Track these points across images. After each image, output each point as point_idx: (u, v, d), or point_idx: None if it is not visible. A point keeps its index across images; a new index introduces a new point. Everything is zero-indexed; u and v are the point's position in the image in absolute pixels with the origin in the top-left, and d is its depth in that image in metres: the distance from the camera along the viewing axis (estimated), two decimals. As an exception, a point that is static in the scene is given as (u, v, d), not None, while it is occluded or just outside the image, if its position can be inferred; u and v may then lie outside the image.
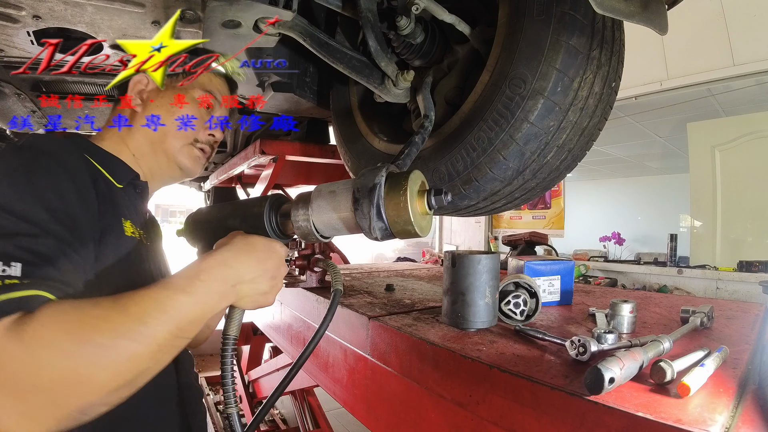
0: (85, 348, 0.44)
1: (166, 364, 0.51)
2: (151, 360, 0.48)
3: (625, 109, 3.80)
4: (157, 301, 0.49)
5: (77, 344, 0.44)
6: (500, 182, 0.94)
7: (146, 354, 0.47)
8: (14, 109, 1.48)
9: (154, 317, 0.48)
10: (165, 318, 0.48)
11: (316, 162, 2.12)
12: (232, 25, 0.89)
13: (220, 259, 0.57)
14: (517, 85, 0.85)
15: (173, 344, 0.50)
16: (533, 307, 0.86)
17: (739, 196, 3.31)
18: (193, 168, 0.88)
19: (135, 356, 0.46)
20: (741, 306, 1.06)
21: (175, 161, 0.84)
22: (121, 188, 0.75)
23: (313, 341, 0.72)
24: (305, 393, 2.95)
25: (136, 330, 0.46)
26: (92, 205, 0.61)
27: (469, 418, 0.65)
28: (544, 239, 2.06)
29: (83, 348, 0.44)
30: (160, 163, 0.84)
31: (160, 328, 0.48)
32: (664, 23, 0.78)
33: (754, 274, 2.92)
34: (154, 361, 0.49)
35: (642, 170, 6.35)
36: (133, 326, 0.46)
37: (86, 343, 0.44)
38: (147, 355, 0.47)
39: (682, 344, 0.68)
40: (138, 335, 0.46)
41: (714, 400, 0.50)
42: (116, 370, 0.45)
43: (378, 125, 1.29)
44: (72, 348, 0.43)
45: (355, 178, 0.62)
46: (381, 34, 1.03)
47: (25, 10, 0.84)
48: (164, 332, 0.48)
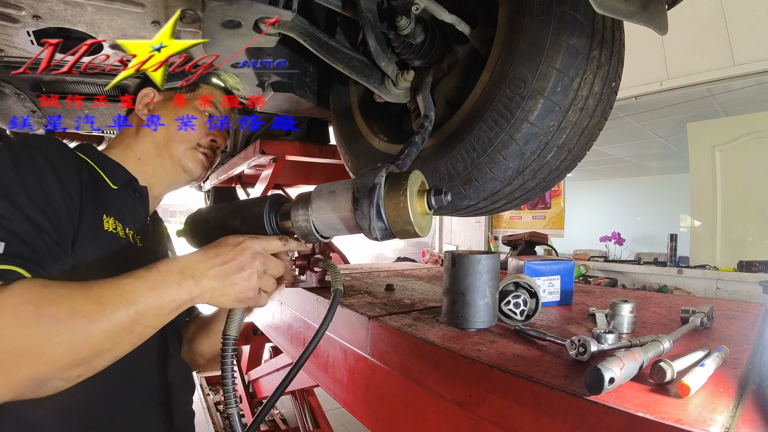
0: (42, 320, 0.47)
1: (127, 350, 0.54)
2: (106, 341, 0.50)
3: (625, 109, 3.80)
4: (117, 287, 0.52)
5: (36, 316, 0.47)
6: (500, 182, 0.94)
7: (101, 334, 0.49)
8: (14, 109, 1.48)
9: (112, 300, 0.51)
10: (122, 302, 0.51)
11: (316, 162, 2.12)
12: (232, 25, 0.89)
13: (186, 255, 0.61)
14: (517, 85, 0.85)
15: (132, 330, 0.52)
16: (533, 307, 0.86)
17: (739, 196, 3.31)
18: (196, 170, 0.92)
19: (90, 334, 0.49)
20: (741, 306, 1.06)
21: (179, 163, 0.90)
22: (116, 189, 0.79)
23: (313, 341, 0.72)
24: (305, 393, 2.95)
25: (93, 310, 0.49)
26: (74, 195, 0.65)
27: (469, 418, 0.65)
28: (544, 239, 2.06)
29: (41, 320, 0.47)
30: (165, 165, 0.89)
31: (117, 311, 0.50)
32: (664, 23, 0.78)
33: (754, 274, 2.92)
34: (111, 343, 0.51)
35: (642, 170, 6.36)
36: (92, 306, 0.49)
37: (45, 317, 0.47)
38: (101, 335, 0.50)
39: (682, 344, 0.68)
40: (94, 315, 0.49)
41: (714, 400, 0.50)
42: (70, 345, 0.48)
43: (378, 125, 1.29)
44: (30, 319, 0.46)
45: (355, 178, 0.63)
46: (381, 34, 1.03)
47: (25, 10, 0.84)
48: (122, 315, 0.51)
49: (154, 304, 0.54)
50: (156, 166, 0.89)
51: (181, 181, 0.94)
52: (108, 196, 0.75)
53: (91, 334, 0.49)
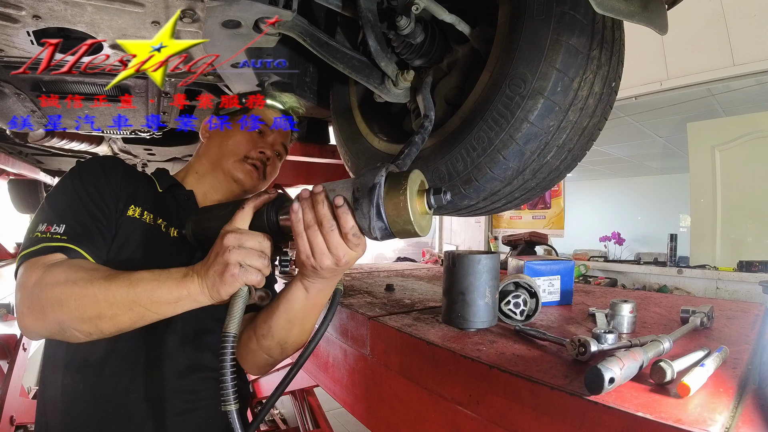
0: (69, 285, 0.65)
1: (127, 324, 0.65)
2: (107, 308, 0.64)
3: (625, 109, 3.80)
4: (131, 274, 0.66)
5: (67, 283, 0.65)
6: (500, 182, 0.94)
7: (103, 301, 0.64)
8: (14, 109, 1.48)
9: (119, 281, 0.65)
10: (126, 283, 0.64)
11: (316, 162, 2.12)
12: (232, 25, 0.89)
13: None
14: (517, 85, 0.85)
15: (131, 308, 0.64)
16: (533, 307, 0.86)
17: (739, 196, 3.31)
18: (246, 180, 1.03)
19: (95, 299, 0.64)
20: (741, 306, 1.06)
21: (230, 175, 1.02)
22: (161, 192, 0.96)
23: (313, 341, 0.72)
24: (305, 393, 2.95)
25: (104, 284, 0.65)
26: (116, 190, 0.85)
27: (469, 418, 0.65)
28: (544, 239, 2.06)
29: (69, 285, 0.65)
30: (219, 179, 1.03)
31: (120, 289, 0.64)
32: (664, 23, 0.78)
33: (754, 274, 2.92)
34: (111, 312, 0.64)
35: (642, 170, 6.36)
36: (104, 282, 0.65)
37: (72, 284, 0.65)
38: (104, 302, 0.64)
39: (682, 344, 0.68)
40: (101, 286, 0.64)
41: (714, 400, 0.50)
42: (81, 304, 0.64)
43: (378, 125, 1.29)
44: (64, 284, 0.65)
45: (354, 177, 0.62)
46: (381, 34, 1.03)
47: (25, 10, 0.84)
48: (122, 292, 0.64)
49: (152, 292, 0.64)
50: (212, 180, 1.03)
51: (235, 192, 1.05)
52: (150, 195, 0.92)
53: (96, 299, 0.64)
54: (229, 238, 0.63)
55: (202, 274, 0.64)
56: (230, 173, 1.02)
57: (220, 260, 0.62)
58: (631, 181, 6.71)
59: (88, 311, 0.64)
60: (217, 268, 0.62)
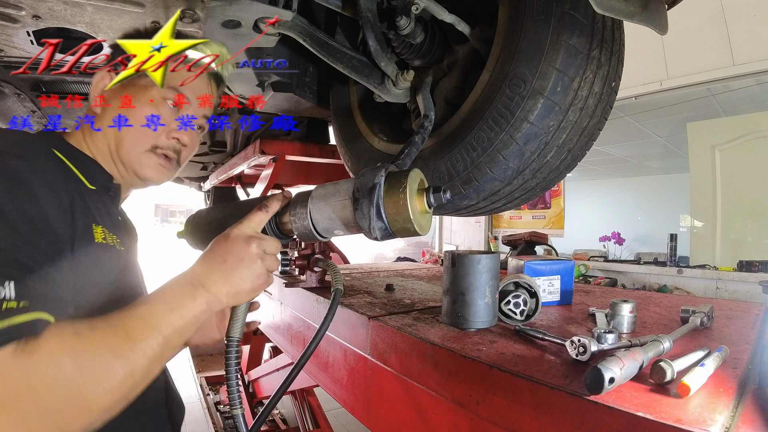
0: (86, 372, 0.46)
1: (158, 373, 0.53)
2: (144, 374, 0.51)
3: (625, 109, 3.80)
4: (140, 317, 0.52)
5: (79, 369, 0.46)
6: (500, 182, 0.94)
7: (139, 369, 0.50)
8: (14, 109, 1.48)
9: (140, 332, 0.50)
10: (149, 331, 0.51)
11: (316, 162, 2.12)
12: (232, 25, 0.90)
13: (191, 267, 0.60)
14: (517, 84, 0.85)
15: (163, 355, 0.52)
16: (533, 307, 0.86)
17: (739, 196, 3.31)
18: (156, 177, 0.78)
19: (130, 373, 0.49)
20: (741, 306, 1.06)
21: (134, 171, 0.76)
22: (93, 190, 0.68)
23: (313, 341, 0.72)
24: (305, 393, 2.95)
25: (127, 347, 0.49)
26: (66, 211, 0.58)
27: (469, 418, 0.65)
28: (544, 239, 2.06)
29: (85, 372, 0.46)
30: (120, 171, 0.76)
31: (148, 342, 0.50)
32: (664, 23, 0.78)
33: (754, 274, 2.92)
34: (147, 374, 0.51)
35: (642, 170, 6.35)
36: (123, 344, 0.49)
37: (87, 368, 0.46)
38: (140, 370, 0.50)
39: (682, 344, 0.68)
40: (129, 352, 0.49)
41: (714, 400, 0.50)
42: (112, 389, 0.47)
43: (378, 125, 1.29)
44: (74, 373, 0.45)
45: (354, 177, 0.62)
46: (381, 34, 1.03)
47: (25, 10, 0.84)
48: (152, 345, 0.50)
49: (178, 325, 0.53)
50: (113, 170, 0.76)
51: (140, 187, 0.82)
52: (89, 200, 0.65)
53: (131, 372, 0.49)
54: (252, 242, 0.60)
55: (217, 281, 0.57)
56: (134, 169, 0.76)
57: (245, 268, 0.59)
58: (631, 181, 6.71)
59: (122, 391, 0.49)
60: (248, 280, 0.59)
